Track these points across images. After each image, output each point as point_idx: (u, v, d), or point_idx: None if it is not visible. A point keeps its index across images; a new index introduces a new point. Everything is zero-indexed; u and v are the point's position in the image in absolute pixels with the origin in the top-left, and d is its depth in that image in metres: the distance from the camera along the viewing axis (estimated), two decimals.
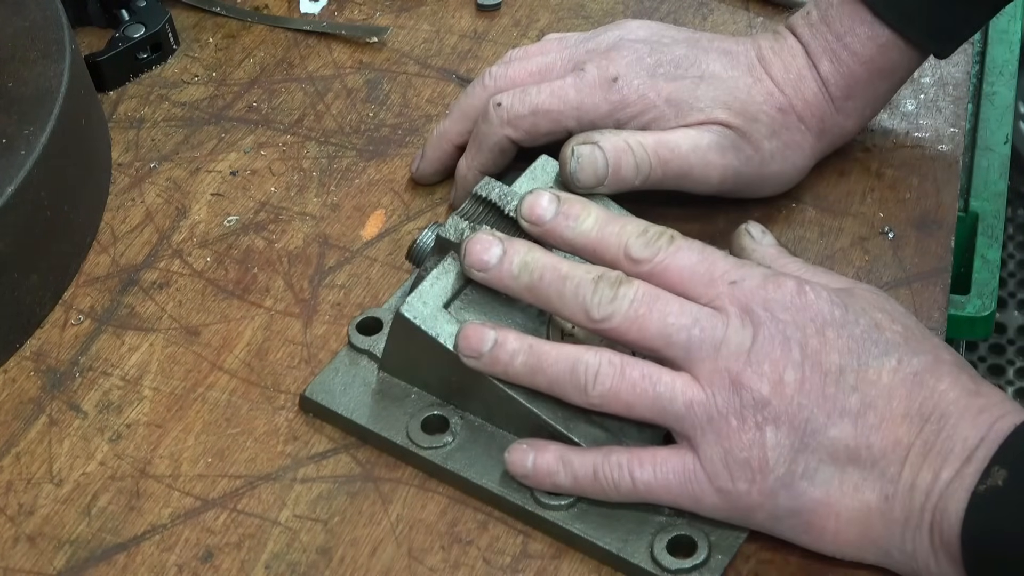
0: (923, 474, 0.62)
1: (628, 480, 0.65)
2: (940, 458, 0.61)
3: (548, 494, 0.68)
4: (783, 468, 0.63)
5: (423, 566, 0.67)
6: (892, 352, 0.64)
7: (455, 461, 0.70)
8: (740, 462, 0.63)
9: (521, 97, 0.80)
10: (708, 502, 0.65)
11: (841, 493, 0.63)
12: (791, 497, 0.63)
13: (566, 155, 0.76)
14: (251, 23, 0.99)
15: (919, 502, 0.62)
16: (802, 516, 0.64)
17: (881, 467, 0.63)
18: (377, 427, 0.71)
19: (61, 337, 0.78)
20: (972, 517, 0.59)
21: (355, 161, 0.88)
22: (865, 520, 0.63)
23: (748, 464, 0.63)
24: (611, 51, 0.80)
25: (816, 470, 0.63)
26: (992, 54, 1.16)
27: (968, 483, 0.60)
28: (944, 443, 0.62)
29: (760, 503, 0.64)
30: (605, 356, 0.65)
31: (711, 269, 0.66)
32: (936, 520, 0.61)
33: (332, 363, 0.74)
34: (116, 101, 0.93)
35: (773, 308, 0.64)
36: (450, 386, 0.71)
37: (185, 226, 0.84)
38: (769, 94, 0.79)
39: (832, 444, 0.63)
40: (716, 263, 0.66)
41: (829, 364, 0.63)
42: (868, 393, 0.63)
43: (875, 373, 0.63)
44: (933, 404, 0.63)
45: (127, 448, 0.72)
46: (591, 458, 0.66)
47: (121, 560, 0.68)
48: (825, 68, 0.79)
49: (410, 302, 0.69)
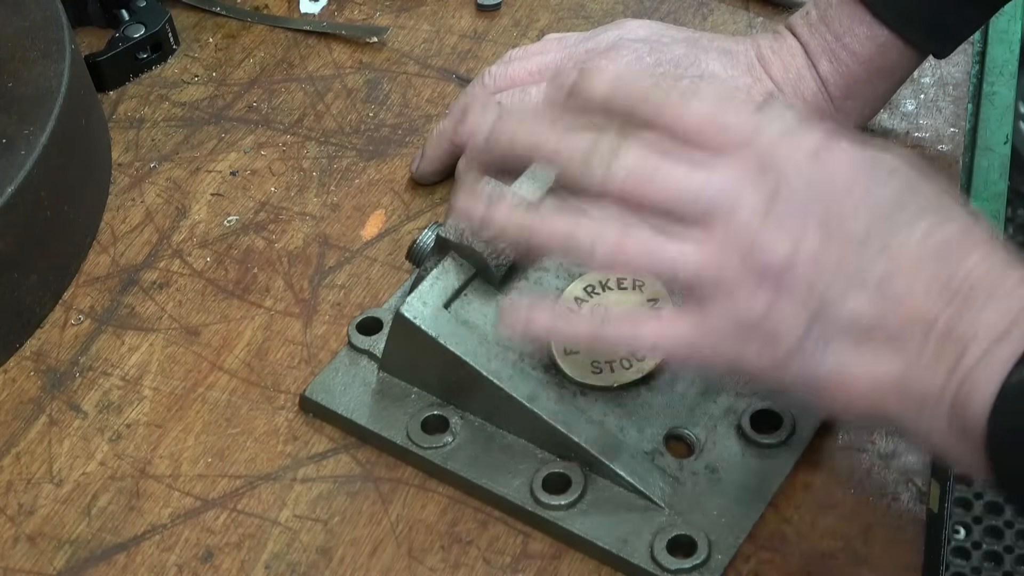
0: (946, 353, 0.57)
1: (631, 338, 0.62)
2: (966, 336, 0.56)
3: (548, 494, 0.68)
4: (795, 337, 0.59)
5: (423, 566, 0.67)
6: (923, 217, 0.58)
7: (455, 461, 0.70)
8: (751, 330, 0.59)
9: (521, 97, 0.80)
10: (714, 364, 0.62)
11: (855, 367, 0.58)
12: (802, 367, 0.59)
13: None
14: (251, 23, 0.99)
15: (939, 383, 0.57)
16: (813, 383, 0.60)
17: (900, 342, 0.58)
18: (377, 427, 0.71)
19: (61, 337, 0.78)
20: (1002, 410, 0.55)
21: (355, 161, 0.88)
22: (879, 395, 0.59)
23: (759, 333, 0.59)
24: (611, 51, 0.80)
25: (831, 340, 0.58)
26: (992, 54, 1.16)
27: (998, 370, 0.55)
28: (972, 320, 0.57)
29: (769, 369, 0.60)
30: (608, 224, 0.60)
31: (729, 117, 0.61)
32: (958, 404, 0.56)
33: (332, 363, 0.74)
34: (116, 101, 0.93)
35: (796, 163, 0.59)
36: (450, 386, 0.71)
37: (185, 226, 0.84)
38: (769, 94, 0.79)
39: (849, 317, 0.58)
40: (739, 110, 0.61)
41: (854, 229, 0.58)
42: (893, 263, 0.58)
43: (903, 240, 0.58)
44: (962, 277, 0.57)
45: (127, 448, 0.72)
46: (591, 317, 0.63)
47: (121, 560, 0.68)
48: (824, 68, 0.79)
49: (410, 302, 0.69)
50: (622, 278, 0.72)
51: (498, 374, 0.69)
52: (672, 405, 0.71)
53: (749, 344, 0.59)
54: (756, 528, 0.67)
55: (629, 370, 0.70)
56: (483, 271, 0.71)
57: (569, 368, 0.70)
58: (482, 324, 0.70)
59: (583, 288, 0.72)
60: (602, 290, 0.72)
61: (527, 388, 0.69)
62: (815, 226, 0.58)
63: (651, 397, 0.71)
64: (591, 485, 0.68)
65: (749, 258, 0.58)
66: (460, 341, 0.69)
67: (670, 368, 0.72)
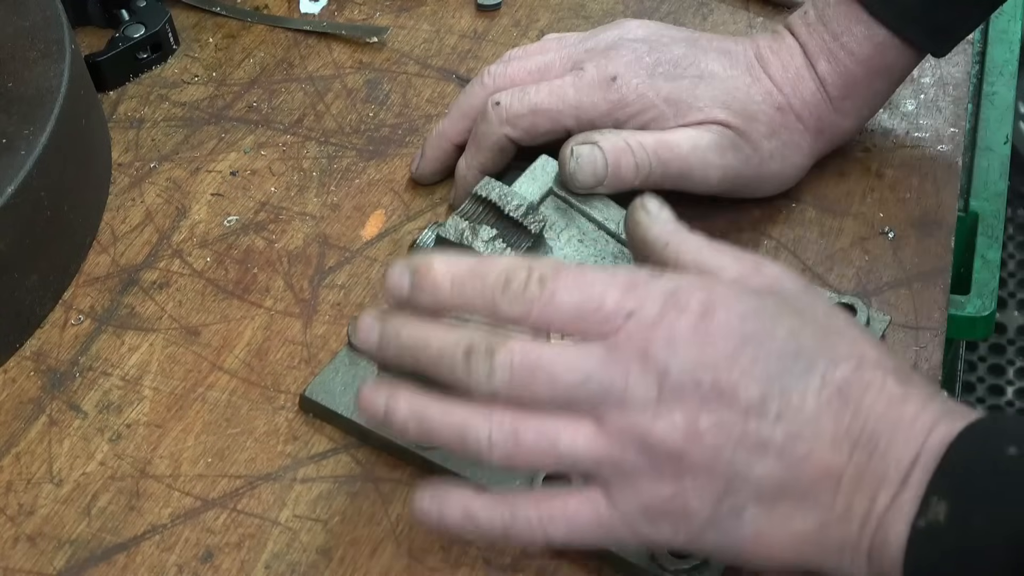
0: (858, 501, 0.57)
1: (542, 538, 0.60)
2: (874, 482, 0.57)
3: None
4: (707, 512, 0.58)
5: (423, 566, 0.67)
6: (815, 367, 0.58)
7: (454, 461, 0.70)
8: (659, 513, 0.58)
9: (520, 96, 0.80)
10: (632, 543, 0.61)
11: (772, 527, 0.58)
12: (719, 535, 0.59)
13: (565, 155, 0.76)
14: (251, 23, 0.99)
15: (855, 530, 0.57)
16: (732, 550, 0.60)
17: (812, 497, 0.58)
18: (377, 427, 0.71)
19: (61, 337, 0.78)
20: (913, 554, 0.55)
21: (355, 161, 0.88)
22: (800, 548, 0.59)
23: (668, 515, 0.58)
24: (610, 50, 0.80)
25: (743, 508, 0.58)
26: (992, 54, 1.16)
27: (907, 512, 0.56)
28: (877, 466, 0.57)
29: (687, 543, 0.60)
30: (496, 421, 0.59)
31: (601, 304, 0.58)
32: (875, 548, 0.57)
33: (332, 363, 0.74)
34: (116, 101, 0.93)
35: (677, 344, 0.57)
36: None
37: (185, 226, 0.84)
38: (768, 93, 0.79)
39: (758, 483, 0.58)
40: (605, 295, 0.59)
41: (748, 397, 0.57)
42: (793, 422, 0.57)
43: (799, 397, 0.57)
44: (861, 424, 0.57)
45: (127, 448, 0.72)
46: (499, 514, 0.60)
47: (121, 560, 0.68)
48: (822, 68, 0.79)
49: None
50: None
51: None
52: None
53: (661, 524, 0.59)
54: None
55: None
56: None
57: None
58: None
59: None
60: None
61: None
62: (707, 405, 0.57)
63: None
64: None
65: (646, 449, 0.57)
66: None
67: None
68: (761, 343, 0.58)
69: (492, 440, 0.58)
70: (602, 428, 0.58)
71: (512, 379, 0.58)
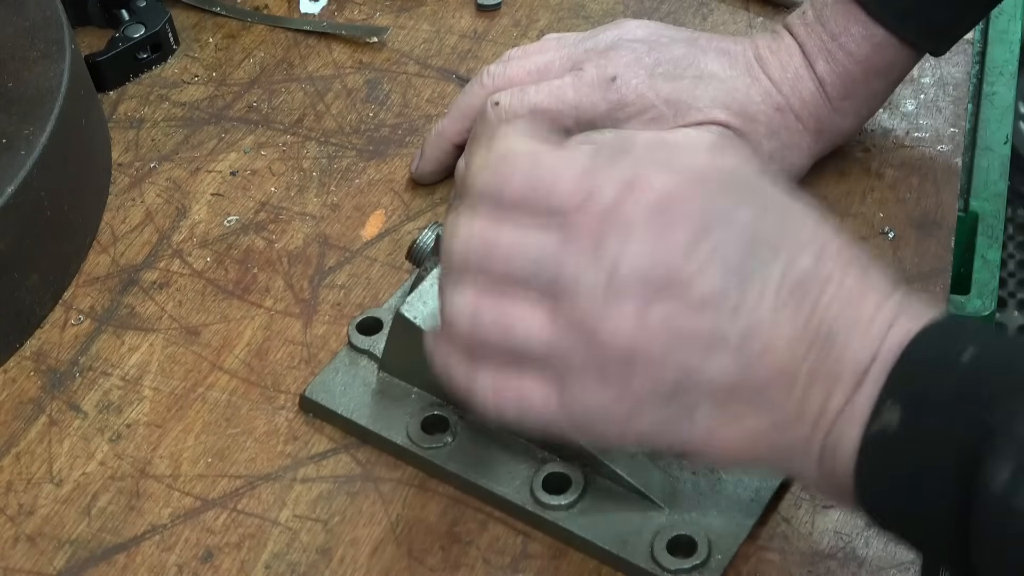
0: (811, 401, 0.55)
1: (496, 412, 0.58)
2: (829, 383, 0.54)
3: (548, 493, 0.68)
4: (655, 415, 0.56)
5: (423, 566, 0.67)
6: (777, 258, 0.55)
7: (455, 461, 0.70)
8: (605, 413, 0.56)
9: (519, 96, 0.80)
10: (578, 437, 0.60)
11: (723, 425, 0.56)
12: (668, 435, 0.57)
13: None
14: (251, 23, 0.99)
15: (807, 431, 0.55)
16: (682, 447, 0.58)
17: (766, 396, 0.55)
18: (377, 427, 0.71)
19: (61, 337, 0.78)
20: (864, 460, 0.53)
21: (355, 161, 0.88)
22: (751, 445, 0.56)
23: (613, 415, 0.56)
24: (610, 51, 0.80)
25: (694, 408, 0.55)
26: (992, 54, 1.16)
27: (860, 415, 0.54)
28: (832, 366, 0.54)
29: (636, 442, 0.58)
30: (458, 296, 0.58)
31: (555, 184, 0.56)
32: (827, 450, 0.55)
33: (332, 363, 0.74)
34: (116, 101, 0.93)
35: (632, 231, 0.54)
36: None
37: (185, 226, 0.84)
38: (767, 94, 0.79)
39: (711, 382, 0.55)
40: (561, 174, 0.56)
41: (704, 290, 0.54)
42: (751, 318, 0.54)
43: (758, 292, 0.54)
44: (818, 322, 0.54)
45: (127, 448, 0.72)
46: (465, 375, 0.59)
47: (121, 560, 0.68)
48: (821, 68, 0.79)
49: (410, 302, 0.69)
50: None
51: None
52: None
53: (607, 424, 0.57)
54: (756, 528, 0.67)
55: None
56: None
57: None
58: None
59: None
60: None
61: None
62: (660, 298, 0.54)
63: None
64: (591, 485, 0.68)
65: (594, 346, 0.55)
66: None
67: None
68: (722, 231, 0.55)
69: (451, 314, 0.58)
70: (554, 317, 0.56)
71: (467, 258, 0.57)
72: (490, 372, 0.58)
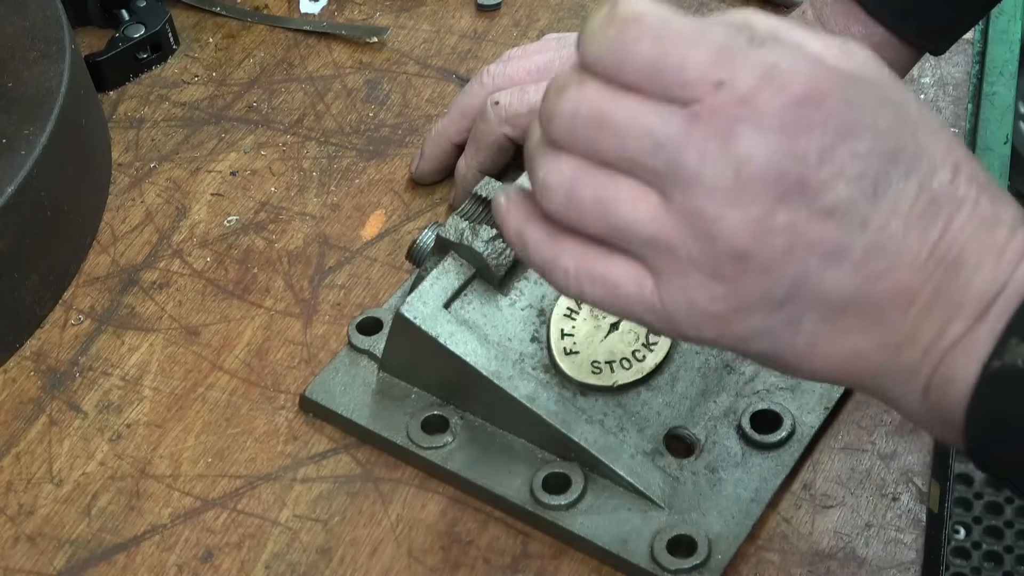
0: (926, 326, 0.52)
1: (577, 294, 0.55)
2: (948, 310, 0.52)
3: (548, 494, 0.68)
4: (760, 320, 0.53)
5: (423, 566, 0.67)
6: (915, 171, 0.52)
7: (455, 461, 0.70)
8: (707, 316, 0.53)
9: (519, 96, 0.80)
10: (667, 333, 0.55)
11: (827, 341, 0.53)
12: (769, 344, 0.54)
13: None
14: (251, 23, 0.99)
15: (916, 357, 0.52)
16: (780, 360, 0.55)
17: (879, 315, 0.52)
18: (377, 427, 0.71)
19: (61, 337, 0.78)
20: (981, 396, 0.51)
21: (355, 161, 0.88)
22: (852, 366, 0.54)
23: (716, 317, 0.53)
24: None
25: (802, 318, 0.53)
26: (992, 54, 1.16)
27: (979, 350, 0.51)
28: (956, 292, 0.52)
29: (731, 347, 0.55)
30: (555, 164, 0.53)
31: (685, 61, 0.51)
32: (936, 383, 0.52)
33: (332, 363, 0.74)
34: (116, 101, 0.93)
35: (766, 129, 0.50)
36: (450, 386, 0.71)
37: (185, 226, 0.84)
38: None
39: (826, 293, 0.52)
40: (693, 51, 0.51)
41: (836, 198, 0.51)
42: (880, 234, 0.51)
43: (890, 205, 0.51)
44: (948, 243, 0.52)
45: (127, 448, 0.72)
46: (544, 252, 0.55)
47: (121, 560, 0.68)
48: None
49: (410, 302, 0.69)
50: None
51: (498, 374, 0.69)
52: (672, 405, 0.71)
53: (705, 325, 0.54)
54: (756, 528, 0.67)
55: (629, 370, 0.70)
56: (483, 271, 0.71)
57: (569, 368, 0.70)
58: (482, 324, 0.70)
59: None
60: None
61: (527, 388, 0.69)
62: (787, 201, 0.51)
63: (651, 397, 0.71)
64: (591, 485, 0.68)
65: (708, 240, 0.51)
66: (460, 341, 0.69)
67: (670, 368, 0.72)
68: (860, 138, 0.51)
69: (546, 183, 0.53)
70: (666, 204, 0.52)
71: (580, 126, 0.52)
72: (577, 250, 0.54)
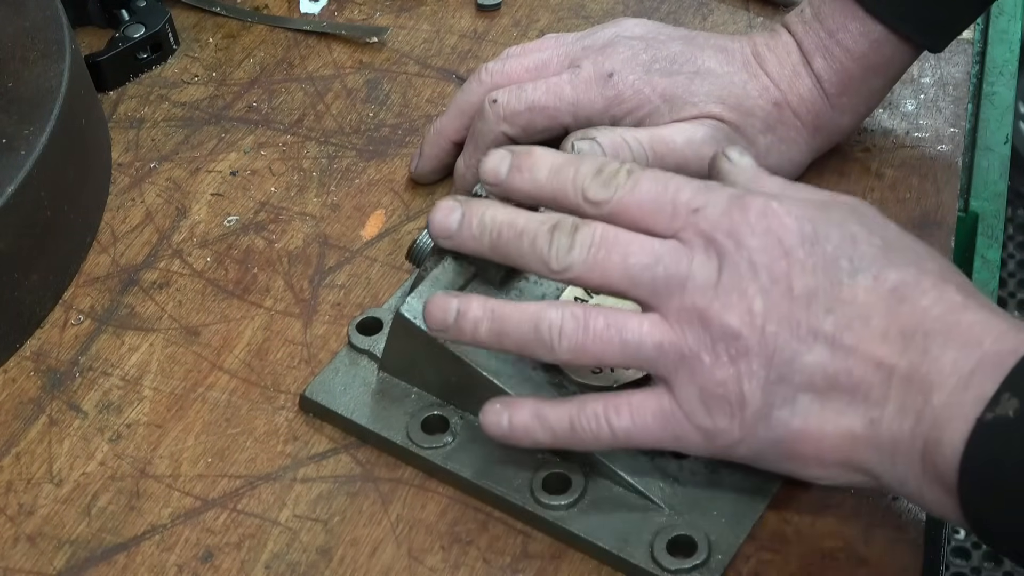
0: (911, 398, 0.58)
1: (607, 429, 0.63)
2: (929, 382, 0.57)
3: (548, 494, 0.68)
4: (759, 400, 0.61)
5: (423, 566, 0.67)
6: (868, 267, 0.60)
7: (455, 461, 0.70)
8: (716, 398, 0.61)
9: (517, 94, 0.80)
10: (689, 441, 0.63)
11: (822, 420, 0.60)
12: (770, 428, 0.61)
13: (566, 150, 0.76)
14: (251, 23, 0.99)
15: (908, 427, 0.58)
16: (784, 445, 0.62)
17: (864, 391, 0.59)
18: (377, 427, 0.71)
19: (61, 337, 0.78)
20: (975, 446, 0.55)
21: (355, 161, 0.88)
22: (850, 446, 0.60)
23: (725, 400, 0.61)
24: (607, 48, 0.80)
25: (795, 399, 0.61)
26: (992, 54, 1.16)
27: (968, 411, 0.56)
28: (932, 365, 0.58)
29: (741, 438, 0.62)
30: (568, 310, 0.63)
31: (674, 199, 0.63)
32: (929, 447, 0.57)
33: (332, 363, 0.74)
34: (116, 101, 0.93)
35: (738, 234, 0.61)
36: (450, 386, 0.71)
37: (185, 226, 0.84)
38: (764, 89, 0.79)
39: (809, 371, 0.60)
40: (680, 192, 0.63)
41: (800, 287, 0.60)
42: (843, 314, 0.60)
43: (849, 291, 0.60)
44: (916, 322, 0.59)
45: (127, 448, 0.72)
46: (566, 410, 0.64)
47: (121, 560, 0.68)
48: (819, 64, 0.79)
49: (410, 302, 0.69)
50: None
51: (498, 374, 0.69)
52: None
53: (717, 412, 0.61)
54: (756, 528, 0.67)
55: (628, 370, 0.70)
56: (483, 271, 0.71)
57: (569, 368, 0.70)
58: None
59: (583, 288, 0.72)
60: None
61: (527, 388, 0.69)
62: (763, 290, 0.60)
63: None
64: (591, 485, 0.68)
65: (704, 327, 0.61)
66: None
67: None
68: (816, 242, 0.61)
69: (563, 328, 0.62)
70: (666, 314, 0.62)
71: (590, 253, 0.62)
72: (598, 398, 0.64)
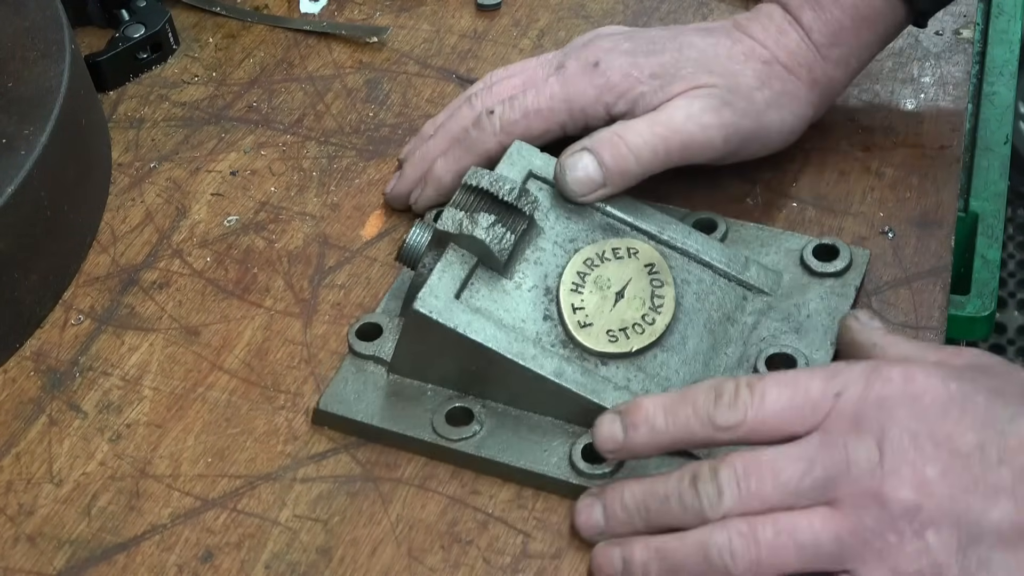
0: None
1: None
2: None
3: (589, 463, 0.68)
4: (956, 568, 0.59)
5: (423, 566, 0.67)
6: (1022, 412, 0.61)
7: (488, 448, 0.70)
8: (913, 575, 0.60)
9: (511, 103, 0.80)
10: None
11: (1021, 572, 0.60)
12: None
13: (555, 172, 0.76)
14: (251, 23, 0.99)
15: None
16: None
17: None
18: (401, 428, 0.71)
19: (61, 337, 0.78)
20: None
21: (355, 161, 0.88)
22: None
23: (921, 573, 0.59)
24: (588, 44, 0.81)
25: (990, 558, 0.59)
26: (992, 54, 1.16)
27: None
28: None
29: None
30: (733, 528, 0.61)
31: (807, 396, 0.62)
32: None
33: (339, 373, 0.74)
34: (116, 101, 0.93)
35: (888, 407, 0.61)
36: (470, 376, 0.71)
37: (185, 226, 0.84)
38: (750, 50, 0.80)
39: (998, 527, 0.59)
40: (810, 387, 0.62)
41: (967, 444, 0.60)
42: (1016, 462, 0.59)
43: (1015, 440, 0.60)
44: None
45: (127, 448, 0.72)
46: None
47: (121, 560, 0.68)
48: (808, 17, 0.80)
49: (422, 298, 0.69)
50: (617, 247, 0.73)
51: (522, 355, 0.69)
52: (688, 362, 0.71)
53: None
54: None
55: (643, 334, 0.71)
56: (486, 258, 0.71)
57: (587, 340, 0.70)
58: (494, 309, 0.71)
59: (582, 262, 0.72)
60: (600, 262, 0.73)
61: (552, 365, 0.69)
62: (930, 457, 0.59)
63: (667, 358, 0.71)
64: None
65: (882, 508, 0.59)
66: (480, 329, 0.69)
67: (678, 328, 0.72)
68: (966, 398, 0.61)
69: (733, 550, 0.60)
70: (836, 506, 0.60)
71: (740, 488, 0.61)
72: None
